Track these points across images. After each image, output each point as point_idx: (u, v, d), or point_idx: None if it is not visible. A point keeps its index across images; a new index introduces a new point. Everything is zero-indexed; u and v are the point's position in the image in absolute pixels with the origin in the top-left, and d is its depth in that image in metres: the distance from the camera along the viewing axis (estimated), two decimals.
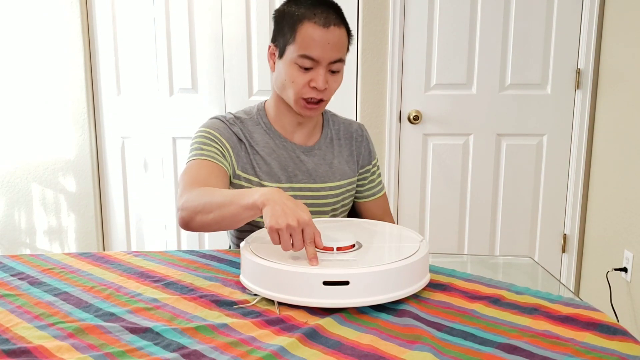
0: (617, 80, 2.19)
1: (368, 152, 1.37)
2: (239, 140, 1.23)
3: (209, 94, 2.54)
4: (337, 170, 1.30)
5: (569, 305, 0.87)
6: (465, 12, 2.38)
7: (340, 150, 1.32)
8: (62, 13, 2.48)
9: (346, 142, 1.34)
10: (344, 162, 1.32)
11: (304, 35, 1.12)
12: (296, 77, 1.15)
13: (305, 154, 1.27)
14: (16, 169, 2.62)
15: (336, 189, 1.30)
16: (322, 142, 1.30)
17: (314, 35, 1.11)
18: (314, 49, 1.12)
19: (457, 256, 1.26)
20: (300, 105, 1.18)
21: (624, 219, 2.11)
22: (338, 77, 1.19)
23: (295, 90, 1.16)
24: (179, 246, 2.68)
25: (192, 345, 0.75)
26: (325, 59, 1.13)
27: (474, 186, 2.51)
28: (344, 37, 1.16)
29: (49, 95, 2.55)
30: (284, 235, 0.87)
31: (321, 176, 1.28)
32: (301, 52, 1.12)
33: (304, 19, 1.12)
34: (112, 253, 1.17)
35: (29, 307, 0.88)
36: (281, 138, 1.26)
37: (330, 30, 1.12)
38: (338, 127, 1.34)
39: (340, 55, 1.15)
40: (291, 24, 1.14)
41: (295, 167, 1.26)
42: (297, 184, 1.26)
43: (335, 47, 1.13)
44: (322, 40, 1.11)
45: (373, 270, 0.85)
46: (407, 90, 2.45)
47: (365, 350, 0.74)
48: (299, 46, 1.12)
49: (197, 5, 2.48)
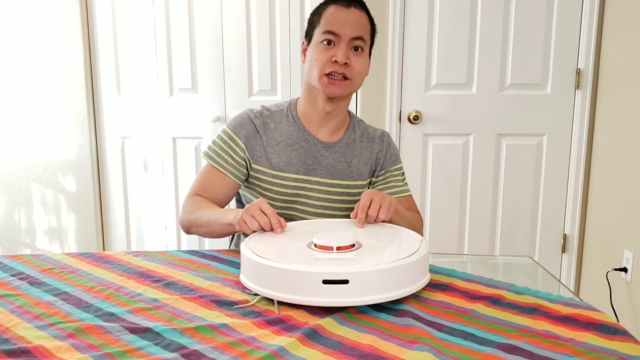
0: (617, 80, 2.19)
1: (389, 156, 1.37)
2: (256, 133, 1.29)
3: (209, 94, 2.54)
4: (355, 170, 1.32)
5: (569, 305, 0.87)
6: (465, 12, 2.38)
7: (360, 151, 1.34)
8: (62, 13, 2.48)
9: (367, 144, 1.35)
10: (362, 163, 1.34)
11: (327, 15, 1.22)
12: (320, 54, 1.22)
13: (326, 149, 1.31)
14: (16, 169, 2.62)
15: (352, 187, 1.32)
16: (344, 141, 1.33)
17: (335, 13, 1.21)
18: (335, 24, 1.20)
19: (457, 256, 1.26)
20: (324, 82, 1.22)
21: (624, 219, 2.11)
22: (361, 59, 1.23)
23: (319, 67, 1.22)
24: (179, 246, 2.68)
25: (192, 345, 0.75)
26: (346, 34, 1.20)
27: (474, 186, 2.51)
28: (365, 19, 1.23)
29: (49, 95, 2.55)
30: (247, 219, 1.04)
31: (339, 173, 1.31)
32: (324, 29, 1.21)
33: (329, 4, 1.24)
34: (112, 253, 1.17)
35: (29, 307, 0.88)
36: (305, 131, 1.31)
37: (352, 10, 1.21)
38: (362, 131, 1.37)
39: (361, 34, 1.21)
40: (319, 12, 1.25)
41: (315, 160, 1.30)
42: (315, 177, 1.29)
43: (356, 25, 1.21)
44: (343, 17, 1.20)
45: (373, 269, 0.85)
46: (407, 90, 2.45)
47: (365, 350, 0.74)
48: (322, 26, 1.22)
49: (197, 5, 2.48)
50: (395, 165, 1.38)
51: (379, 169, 1.36)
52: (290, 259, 0.89)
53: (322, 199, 1.30)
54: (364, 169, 1.34)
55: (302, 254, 0.92)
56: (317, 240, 0.95)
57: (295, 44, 2.46)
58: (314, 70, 1.23)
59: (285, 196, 1.29)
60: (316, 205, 1.31)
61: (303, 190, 1.29)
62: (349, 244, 0.94)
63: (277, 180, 1.28)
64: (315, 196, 1.30)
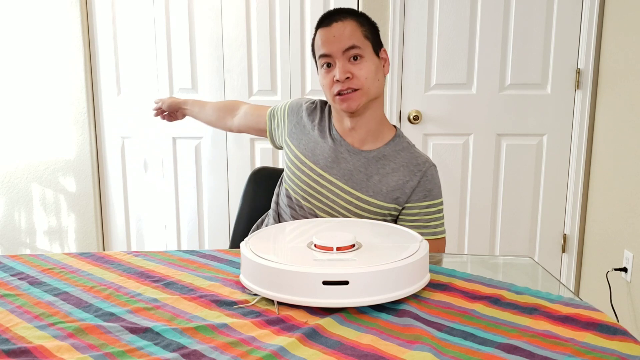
0: (617, 80, 2.19)
1: (422, 189, 1.27)
2: (299, 119, 1.37)
3: (209, 94, 2.54)
4: (372, 185, 1.26)
5: (568, 305, 0.87)
6: (465, 12, 2.38)
7: (387, 171, 1.27)
8: (62, 13, 2.48)
9: (403, 170, 1.27)
10: (384, 183, 1.26)
11: (317, 41, 1.26)
12: (323, 79, 1.26)
13: (350, 154, 1.29)
14: (16, 169, 2.62)
15: (364, 202, 1.27)
16: (373, 153, 1.28)
17: (321, 35, 1.24)
18: (324, 46, 1.23)
19: (457, 256, 1.26)
20: (337, 102, 1.25)
21: (624, 219, 2.11)
22: (363, 64, 1.22)
23: (327, 91, 1.26)
24: (179, 246, 2.68)
25: (192, 345, 0.75)
26: (335, 50, 1.21)
27: (474, 186, 2.51)
28: (349, 26, 1.22)
29: (49, 95, 2.55)
30: None
31: (354, 181, 1.27)
32: (318, 54, 1.26)
33: (316, 31, 1.27)
34: (112, 253, 1.17)
35: (29, 307, 0.88)
36: (336, 132, 1.33)
37: (333, 26, 1.23)
38: (403, 155, 1.29)
39: (351, 42, 1.21)
40: (313, 40, 1.30)
41: (335, 160, 1.30)
42: (330, 176, 1.30)
43: (341, 38, 1.21)
44: (328, 36, 1.23)
45: (373, 270, 0.85)
46: (407, 90, 2.45)
47: (365, 350, 0.74)
48: (317, 52, 1.27)
49: (197, 5, 2.48)
50: (425, 201, 1.27)
51: (405, 199, 1.27)
52: (290, 260, 0.89)
53: (332, 199, 1.29)
54: (383, 189, 1.26)
55: (302, 254, 0.92)
56: (317, 241, 0.95)
57: (295, 44, 2.47)
58: (327, 94, 1.28)
59: (302, 183, 1.32)
60: (326, 204, 1.30)
61: (317, 184, 1.30)
62: (349, 245, 0.94)
63: (298, 163, 1.32)
64: (326, 194, 1.29)
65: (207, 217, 2.65)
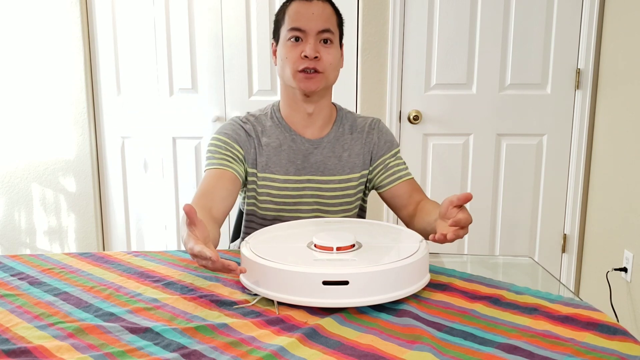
0: (617, 80, 2.19)
1: (384, 142, 1.35)
2: (248, 137, 1.29)
3: (209, 94, 2.54)
4: (346, 163, 1.31)
5: (569, 305, 0.87)
6: (465, 12, 2.38)
7: (351, 144, 1.32)
8: (62, 13, 2.48)
9: (358, 135, 1.33)
10: (354, 155, 1.32)
11: (290, 12, 1.22)
12: (289, 52, 1.22)
13: (314, 147, 1.30)
14: (16, 169, 2.62)
15: (345, 182, 1.31)
16: (332, 135, 1.32)
17: (298, 8, 1.21)
18: (300, 19, 1.20)
19: (457, 256, 1.26)
20: (298, 78, 1.22)
21: (624, 219, 2.11)
22: (332, 50, 1.22)
23: (290, 65, 1.21)
24: (179, 246, 2.68)
25: (192, 345, 0.75)
26: (311, 28, 1.20)
27: (474, 186, 2.51)
28: (329, 9, 1.23)
29: (49, 95, 2.55)
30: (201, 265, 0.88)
31: (329, 169, 1.30)
32: (289, 26, 1.21)
33: (291, 1, 1.24)
34: (112, 253, 1.17)
35: (29, 307, 0.88)
36: (291, 132, 1.30)
37: (314, 3, 1.21)
38: (351, 123, 1.35)
39: (327, 26, 1.21)
40: (283, 10, 1.25)
41: (304, 159, 1.29)
42: (305, 176, 1.29)
43: (320, 17, 1.20)
44: (306, 11, 1.20)
45: (373, 270, 0.85)
46: (407, 90, 2.46)
47: (365, 350, 0.74)
48: (287, 23, 1.22)
49: (197, 5, 2.48)
50: (391, 150, 1.35)
51: (374, 158, 1.34)
52: (290, 260, 0.89)
53: (315, 196, 1.30)
54: (356, 161, 1.32)
55: (302, 254, 0.92)
56: (317, 241, 0.95)
57: None
58: (286, 69, 1.23)
59: (279, 198, 1.29)
60: (310, 203, 1.31)
61: (295, 190, 1.29)
62: (349, 244, 0.94)
63: (269, 182, 1.28)
64: (308, 194, 1.30)
65: None
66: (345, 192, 1.32)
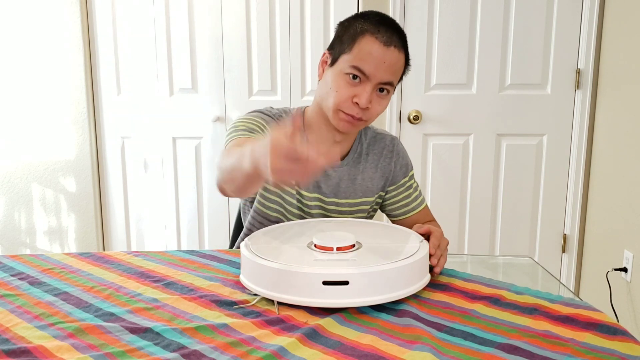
0: (617, 80, 2.19)
1: (399, 168, 1.30)
2: None
3: (209, 94, 2.54)
4: (359, 187, 1.26)
5: (569, 305, 0.87)
6: (465, 12, 2.38)
7: (366, 165, 1.27)
8: (62, 13, 2.48)
9: (374, 157, 1.28)
10: (368, 179, 1.26)
11: (362, 47, 1.09)
12: (341, 88, 1.11)
13: (332, 170, 1.24)
14: (16, 169, 2.62)
15: (356, 205, 1.27)
16: (350, 158, 1.26)
17: (372, 49, 1.09)
18: (369, 63, 1.09)
19: (457, 256, 1.26)
20: (338, 117, 1.14)
21: (624, 219, 2.11)
22: (384, 101, 1.14)
23: (336, 101, 1.12)
24: (179, 246, 2.68)
25: (192, 345, 0.75)
26: (376, 76, 1.10)
27: (474, 186, 2.51)
28: (401, 61, 1.13)
29: (49, 96, 2.55)
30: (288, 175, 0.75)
31: (343, 192, 1.25)
32: (355, 63, 1.09)
33: (366, 32, 1.10)
34: (112, 253, 1.17)
35: (29, 307, 0.88)
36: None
37: (390, 50, 1.09)
38: (369, 141, 1.28)
39: (393, 79, 1.13)
40: (352, 34, 1.12)
41: (321, 178, 1.23)
42: (321, 195, 1.24)
43: (390, 69, 1.10)
44: (379, 57, 1.09)
45: (373, 270, 0.85)
46: (407, 90, 2.45)
47: (365, 350, 0.74)
48: (354, 57, 1.10)
49: (197, 5, 2.48)
50: (406, 176, 1.30)
51: (388, 184, 1.29)
52: (290, 260, 0.89)
53: (321, 215, 1.25)
54: (369, 185, 1.26)
55: (302, 254, 0.92)
56: (317, 241, 0.95)
57: (295, 43, 2.46)
58: (330, 99, 1.13)
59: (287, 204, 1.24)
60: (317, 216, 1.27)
61: (304, 205, 1.24)
62: (349, 245, 0.94)
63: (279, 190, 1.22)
64: (316, 213, 1.25)
65: (207, 217, 2.65)
66: (354, 215, 1.28)
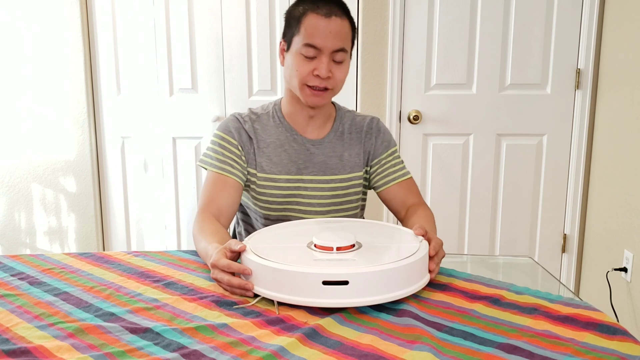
0: (617, 80, 2.19)
1: (381, 142, 1.36)
2: (248, 139, 1.29)
3: (209, 94, 2.54)
4: (347, 163, 1.32)
5: (568, 305, 0.87)
6: (465, 12, 2.38)
7: (350, 143, 1.33)
8: (62, 13, 2.48)
9: (357, 135, 1.34)
10: (354, 154, 1.33)
11: (307, 25, 1.18)
12: (300, 66, 1.20)
13: (315, 147, 1.31)
14: (16, 169, 2.62)
15: (346, 181, 1.32)
16: (332, 135, 1.33)
17: (316, 24, 1.17)
18: (317, 37, 1.17)
19: (457, 256, 1.26)
20: (306, 93, 1.22)
21: (624, 219, 2.11)
22: (343, 67, 1.22)
23: (299, 78, 1.21)
24: (179, 246, 2.68)
25: (192, 345, 0.75)
26: (327, 47, 1.18)
27: (474, 186, 2.51)
28: (346, 27, 1.21)
29: (49, 96, 2.55)
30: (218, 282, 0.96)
31: (331, 169, 1.31)
32: (305, 41, 1.18)
33: (307, 11, 1.19)
34: (112, 253, 1.17)
35: (29, 307, 0.88)
36: (293, 131, 1.31)
37: (332, 20, 1.18)
38: (350, 122, 1.36)
39: (343, 45, 1.20)
40: (297, 17, 1.21)
41: (305, 159, 1.30)
42: (307, 175, 1.29)
43: (337, 36, 1.18)
44: (324, 29, 1.17)
45: (373, 270, 0.85)
46: (407, 90, 2.46)
47: (365, 350, 0.74)
48: (303, 36, 1.18)
49: (197, 5, 2.48)
50: (388, 150, 1.36)
51: (371, 158, 1.36)
52: (290, 260, 0.89)
53: (317, 196, 1.30)
54: (356, 160, 1.33)
55: (302, 254, 0.92)
56: (317, 241, 0.95)
57: None
58: (294, 79, 1.22)
59: (280, 197, 1.29)
60: (312, 204, 1.31)
61: (297, 190, 1.29)
62: (349, 244, 0.94)
63: (270, 183, 1.28)
64: (310, 194, 1.30)
65: None
66: (347, 191, 1.33)
